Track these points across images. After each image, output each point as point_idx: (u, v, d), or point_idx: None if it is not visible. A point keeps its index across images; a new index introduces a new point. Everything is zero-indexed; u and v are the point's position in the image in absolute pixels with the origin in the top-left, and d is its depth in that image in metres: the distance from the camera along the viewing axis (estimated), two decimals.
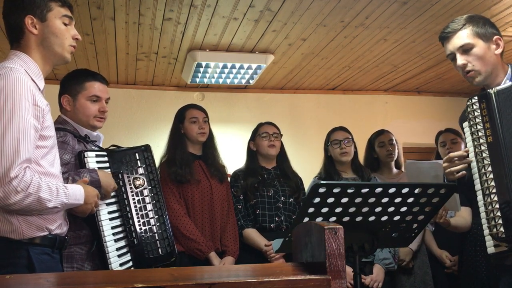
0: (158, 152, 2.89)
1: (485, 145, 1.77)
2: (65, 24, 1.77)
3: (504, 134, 1.74)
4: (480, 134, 1.79)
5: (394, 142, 3.46)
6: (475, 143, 1.81)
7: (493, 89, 1.80)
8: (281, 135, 3.15)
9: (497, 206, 1.72)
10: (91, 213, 1.86)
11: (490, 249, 1.83)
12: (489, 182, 1.75)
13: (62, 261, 1.83)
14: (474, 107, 1.83)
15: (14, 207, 1.55)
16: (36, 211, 1.62)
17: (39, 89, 1.71)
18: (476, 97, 1.83)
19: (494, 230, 1.73)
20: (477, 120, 1.81)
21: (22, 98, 1.57)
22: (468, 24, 1.92)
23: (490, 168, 1.76)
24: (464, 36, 1.91)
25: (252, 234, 2.89)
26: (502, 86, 1.80)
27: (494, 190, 1.74)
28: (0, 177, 1.50)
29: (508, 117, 1.75)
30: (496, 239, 1.75)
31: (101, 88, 2.22)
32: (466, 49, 1.91)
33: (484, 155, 1.77)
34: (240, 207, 2.95)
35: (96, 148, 2.22)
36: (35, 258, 1.63)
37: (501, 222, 1.71)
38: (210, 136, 2.98)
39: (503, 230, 1.70)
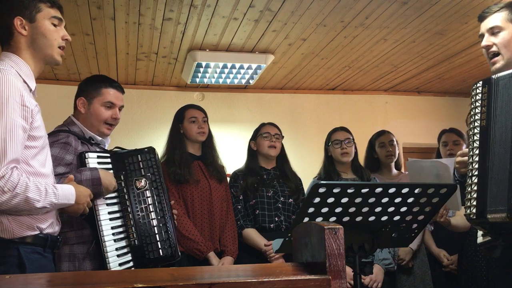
0: (158, 152, 2.89)
1: (478, 129, 1.80)
2: (54, 25, 1.78)
3: (496, 118, 1.77)
4: (476, 117, 1.82)
5: (395, 143, 3.46)
6: (470, 126, 1.84)
7: (496, 75, 1.80)
8: (283, 137, 3.15)
9: (475, 188, 1.74)
10: (84, 213, 1.85)
11: (479, 239, 1.85)
12: (473, 165, 1.78)
13: (55, 261, 1.83)
14: (477, 91, 1.84)
15: (1, 207, 1.55)
16: (25, 211, 1.63)
17: (31, 90, 1.72)
18: (481, 82, 1.84)
19: (468, 211, 1.76)
20: (477, 104, 1.83)
21: (10, 98, 1.58)
22: (506, 9, 1.90)
23: (477, 151, 1.78)
24: (497, 18, 1.90)
25: (252, 234, 2.89)
26: (506, 72, 1.80)
27: (476, 173, 1.76)
28: None
29: (503, 103, 1.77)
30: (468, 220, 1.78)
31: (116, 95, 2.28)
32: (494, 32, 1.90)
33: (475, 138, 1.80)
34: (239, 207, 2.95)
35: (99, 150, 2.23)
36: (25, 257, 1.63)
37: (475, 203, 1.73)
38: (209, 136, 2.98)
39: (475, 212, 1.73)
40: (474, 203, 1.74)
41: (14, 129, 1.57)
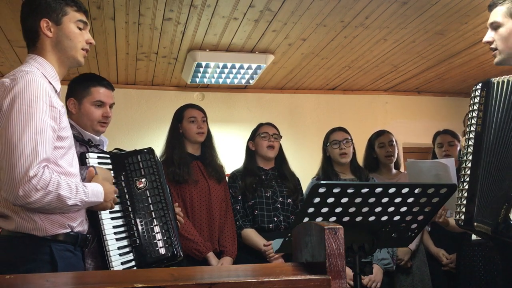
0: (157, 152, 2.89)
1: (473, 134, 1.79)
2: (80, 29, 1.82)
3: (491, 125, 1.76)
4: (473, 121, 1.81)
5: (394, 143, 3.45)
6: (467, 129, 1.83)
7: (496, 78, 1.80)
8: (281, 137, 3.15)
9: (466, 194, 1.75)
10: (111, 209, 1.90)
11: (473, 236, 1.88)
12: (466, 170, 1.79)
13: (84, 259, 1.87)
14: (476, 93, 1.83)
15: (34, 205, 1.58)
16: (57, 209, 1.66)
17: (56, 91, 1.76)
18: (480, 84, 1.83)
19: (457, 216, 1.78)
20: (475, 107, 1.82)
21: (39, 100, 1.62)
22: (508, 1, 1.87)
23: (470, 157, 1.78)
24: (498, 13, 1.88)
25: (251, 234, 2.89)
26: (504, 77, 1.78)
27: (467, 179, 1.77)
28: (20, 176, 1.54)
29: (499, 110, 1.76)
30: (457, 225, 1.81)
31: (106, 94, 2.28)
32: (494, 27, 1.89)
33: (470, 143, 1.80)
34: (238, 207, 2.95)
35: (99, 151, 2.24)
36: (57, 254, 1.67)
37: (464, 210, 1.75)
38: (209, 136, 2.97)
39: (463, 218, 1.76)
40: (463, 209, 1.76)
41: (44, 130, 1.60)
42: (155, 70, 4.36)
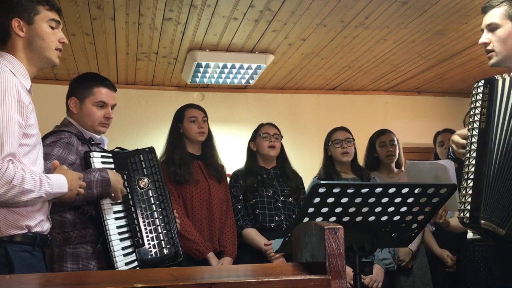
0: (158, 152, 2.89)
1: (477, 131, 1.78)
2: (52, 28, 1.79)
3: (496, 122, 1.75)
4: (475, 118, 1.80)
5: (396, 142, 3.45)
6: (469, 126, 1.81)
7: (501, 75, 1.79)
8: (282, 137, 3.15)
9: (470, 191, 1.74)
10: (79, 194, 1.82)
11: (469, 235, 1.87)
12: (469, 168, 1.77)
13: (45, 260, 1.82)
14: (478, 90, 1.81)
15: None
16: (21, 203, 1.62)
17: (26, 88, 1.72)
18: (482, 81, 1.82)
19: (461, 214, 1.76)
20: (477, 104, 1.80)
21: (7, 94, 1.59)
22: (505, 3, 1.87)
23: (474, 154, 1.77)
24: (495, 14, 1.87)
25: (252, 233, 2.89)
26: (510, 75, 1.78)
27: (472, 176, 1.75)
28: None
29: (507, 106, 1.75)
30: (461, 223, 1.79)
31: (108, 95, 2.25)
32: (492, 28, 1.88)
33: (473, 140, 1.78)
34: (239, 207, 2.95)
35: (101, 150, 2.23)
36: (13, 255, 1.62)
37: (469, 208, 1.73)
38: (209, 136, 2.98)
39: (468, 216, 1.73)
40: (468, 207, 1.74)
41: (10, 124, 1.58)
42: (155, 70, 4.36)
